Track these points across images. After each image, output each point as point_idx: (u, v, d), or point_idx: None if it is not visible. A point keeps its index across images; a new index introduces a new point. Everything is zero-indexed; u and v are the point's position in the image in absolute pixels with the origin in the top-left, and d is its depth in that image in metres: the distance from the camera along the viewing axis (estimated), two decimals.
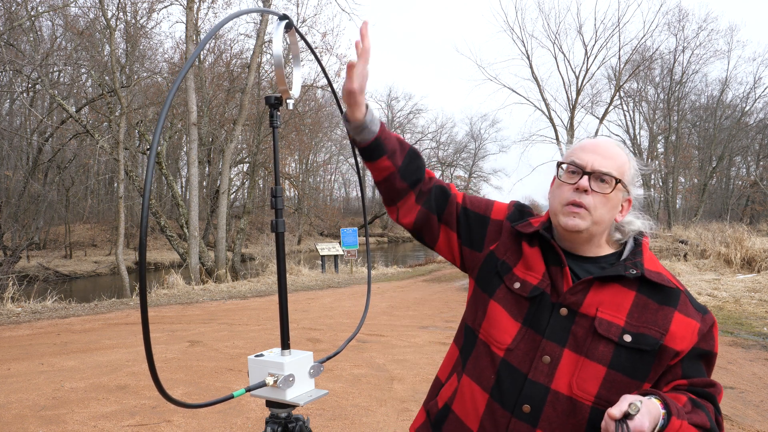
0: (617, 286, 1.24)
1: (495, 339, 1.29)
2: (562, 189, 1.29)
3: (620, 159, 1.29)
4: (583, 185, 1.25)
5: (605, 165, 1.26)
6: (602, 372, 1.18)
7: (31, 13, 16.40)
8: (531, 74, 29.38)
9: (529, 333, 1.26)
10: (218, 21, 2.03)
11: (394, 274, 17.42)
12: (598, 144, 1.31)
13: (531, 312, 1.27)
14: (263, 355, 1.48)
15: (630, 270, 1.23)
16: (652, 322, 1.20)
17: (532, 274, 1.31)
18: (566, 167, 1.30)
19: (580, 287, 1.24)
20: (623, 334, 1.19)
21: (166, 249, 27.35)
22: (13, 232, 20.14)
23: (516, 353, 1.25)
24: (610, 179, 1.26)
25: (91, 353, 6.31)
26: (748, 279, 11.41)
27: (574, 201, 1.25)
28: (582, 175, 1.26)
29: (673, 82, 30.88)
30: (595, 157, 1.27)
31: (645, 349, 1.18)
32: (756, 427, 4.01)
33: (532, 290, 1.28)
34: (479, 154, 53.10)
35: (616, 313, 1.21)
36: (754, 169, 36.82)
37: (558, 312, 1.24)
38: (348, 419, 4.16)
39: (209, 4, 19.54)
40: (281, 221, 1.48)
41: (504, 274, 1.34)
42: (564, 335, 1.22)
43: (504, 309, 1.30)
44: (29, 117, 22.32)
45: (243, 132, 23.45)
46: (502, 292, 1.33)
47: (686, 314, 1.22)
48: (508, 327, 1.28)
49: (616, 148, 1.31)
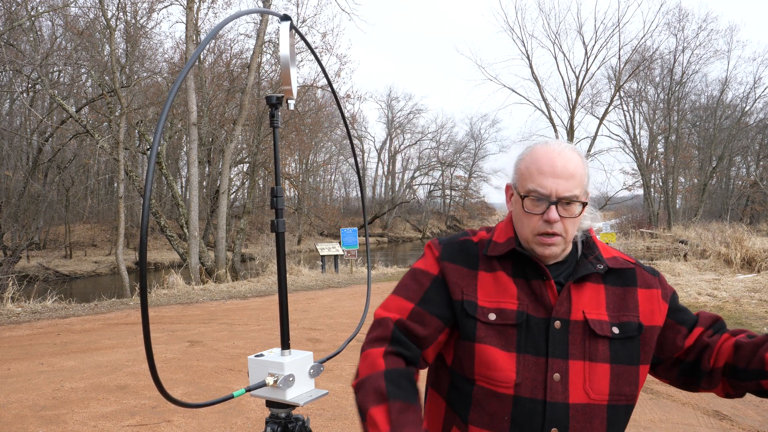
0: (590, 284, 1.26)
1: (498, 380, 1.21)
2: (531, 219, 1.24)
3: (578, 171, 1.23)
4: (554, 218, 1.20)
5: (569, 188, 1.20)
6: (608, 369, 1.21)
7: (31, 13, 16.40)
8: (531, 74, 29.46)
9: (528, 359, 1.21)
10: (219, 22, 2.02)
11: (394, 274, 17.41)
12: (555, 162, 1.21)
13: (521, 337, 1.22)
14: (263, 355, 1.48)
15: (598, 266, 1.26)
16: (625, 308, 1.25)
17: (504, 299, 1.24)
18: (530, 197, 1.23)
19: (564, 295, 1.24)
20: (611, 327, 1.23)
21: (166, 249, 27.34)
22: (13, 232, 20.13)
23: (525, 384, 1.20)
24: (577, 202, 1.22)
25: (91, 353, 6.31)
26: (748, 279, 11.41)
27: (546, 232, 1.22)
28: (548, 205, 1.21)
29: (673, 82, 30.91)
30: (557, 181, 1.20)
31: (631, 335, 1.23)
32: (756, 427, 4.01)
33: (517, 316, 1.22)
34: (479, 154, 53.10)
35: (598, 309, 1.24)
36: (754, 169, 36.83)
37: (553, 327, 1.22)
38: (348, 419, 4.16)
39: (209, 4, 19.58)
40: (281, 221, 1.48)
41: (474, 312, 1.24)
42: (564, 348, 1.21)
43: (492, 346, 1.22)
44: (29, 117, 22.31)
45: (243, 132, 23.45)
46: (482, 331, 1.23)
47: (646, 286, 1.29)
48: (505, 362, 1.21)
49: (571, 160, 1.23)
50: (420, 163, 51.81)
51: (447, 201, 53.23)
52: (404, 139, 51.99)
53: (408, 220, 50.89)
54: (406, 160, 52.48)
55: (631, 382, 1.22)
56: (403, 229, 49.40)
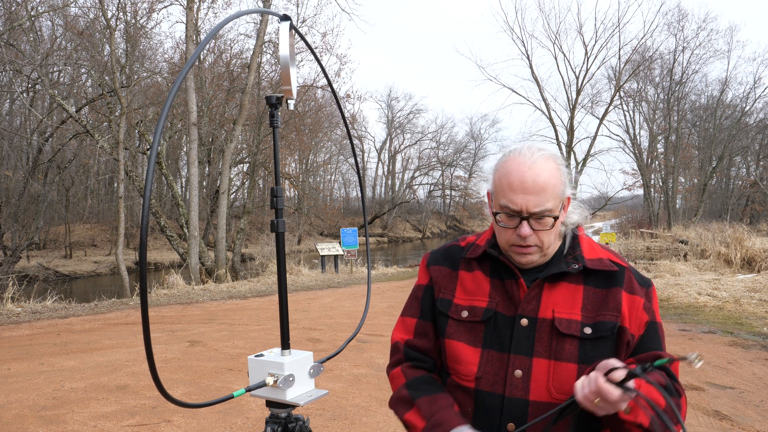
0: (565, 283, 1.26)
1: (462, 374, 1.29)
2: (506, 231, 1.26)
3: (551, 183, 1.22)
4: (525, 233, 1.22)
5: (539, 203, 1.21)
6: (574, 369, 1.20)
7: (31, 13, 16.39)
8: (531, 74, 29.45)
9: (492, 355, 1.26)
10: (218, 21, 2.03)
11: (394, 274, 17.41)
12: (525, 178, 1.21)
13: (488, 333, 1.27)
14: (263, 355, 1.48)
15: (573, 265, 1.25)
16: (605, 308, 1.23)
17: (477, 297, 1.31)
18: (502, 214, 1.26)
19: (533, 293, 1.25)
20: (583, 327, 1.21)
21: (166, 249, 27.34)
22: (13, 232, 20.13)
23: (486, 378, 1.26)
24: (548, 216, 1.22)
25: (91, 353, 6.31)
26: (748, 279, 11.41)
27: (520, 244, 1.25)
28: (520, 220, 1.23)
29: (673, 82, 30.90)
30: (527, 197, 1.21)
31: (605, 335, 1.21)
32: (756, 427, 4.01)
33: (484, 313, 1.28)
34: (479, 154, 53.18)
35: (571, 309, 1.23)
36: (754, 169, 36.82)
37: (519, 324, 1.25)
38: (348, 419, 4.16)
39: (209, 4, 19.58)
40: (281, 221, 1.48)
41: (446, 310, 1.34)
42: (529, 345, 1.23)
43: (459, 341, 1.30)
44: (29, 117, 22.32)
45: (243, 132, 23.45)
46: (452, 327, 1.32)
47: (631, 291, 1.25)
48: (470, 357, 1.28)
49: (542, 173, 1.21)
50: (420, 163, 51.82)
51: (447, 201, 53.27)
52: (404, 139, 52.05)
53: (408, 220, 50.92)
54: (406, 160, 52.52)
55: None
56: (403, 229, 49.43)
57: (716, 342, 6.75)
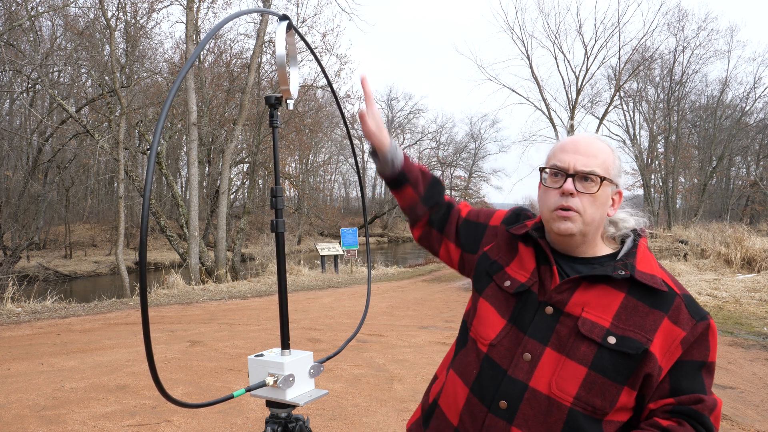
0: (606, 287, 1.21)
1: (480, 335, 1.31)
2: (549, 194, 1.27)
3: (603, 154, 1.26)
4: (567, 189, 1.23)
5: (588, 164, 1.23)
6: (582, 373, 1.16)
7: (31, 13, 16.38)
8: (531, 74, 29.41)
9: (513, 330, 1.26)
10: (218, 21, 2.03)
11: (394, 274, 17.41)
12: (578, 142, 1.27)
13: (517, 309, 1.28)
14: (263, 355, 1.48)
15: (619, 271, 1.20)
16: (640, 326, 1.16)
17: (523, 272, 1.32)
18: (549, 171, 1.28)
19: (566, 286, 1.23)
20: (607, 335, 1.16)
21: (166, 249, 27.34)
22: (13, 232, 20.13)
23: (499, 349, 1.26)
24: (595, 178, 1.23)
25: (91, 353, 6.31)
26: (748, 279, 11.41)
27: (561, 206, 1.24)
28: (566, 177, 1.24)
29: (673, 82, 30.87)
30: (577, 157, 1.24)
31: (629, 353, 1.14)
32: (756, 427, 4.01)
33: (518, 287, 1.29)
34: (479, 154, 53.10)
35: (602, 314, 1.18)
36: (754, 169, 36.83)
37: (543, 310, 1.24)
38: (348, 419, 4.16)
39: (209, 4, 19.54)
40: (281, 221, 1.48)
41: (494, 273, 1.37)
42: (547, 333, 1.21)
43: (492, 306, 1.32)
44: (29, 117, 22.32)
45: (243, 132, 23.45)
46: (491, 290, 1.35)
47: (675, 321, 1.16)
48: (494, 323, 1.30)
49: (597, 143, 1.28)
50: (420, 163, 51.77)
51: None
52: (404, 139, 51.98)
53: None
54: None
55: (606, 397, 1.15)
56: (403, 229, 49.40)
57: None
